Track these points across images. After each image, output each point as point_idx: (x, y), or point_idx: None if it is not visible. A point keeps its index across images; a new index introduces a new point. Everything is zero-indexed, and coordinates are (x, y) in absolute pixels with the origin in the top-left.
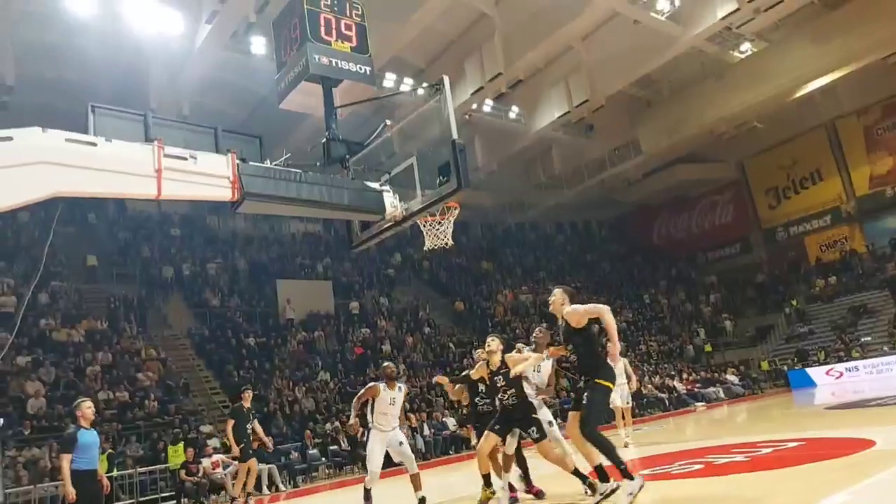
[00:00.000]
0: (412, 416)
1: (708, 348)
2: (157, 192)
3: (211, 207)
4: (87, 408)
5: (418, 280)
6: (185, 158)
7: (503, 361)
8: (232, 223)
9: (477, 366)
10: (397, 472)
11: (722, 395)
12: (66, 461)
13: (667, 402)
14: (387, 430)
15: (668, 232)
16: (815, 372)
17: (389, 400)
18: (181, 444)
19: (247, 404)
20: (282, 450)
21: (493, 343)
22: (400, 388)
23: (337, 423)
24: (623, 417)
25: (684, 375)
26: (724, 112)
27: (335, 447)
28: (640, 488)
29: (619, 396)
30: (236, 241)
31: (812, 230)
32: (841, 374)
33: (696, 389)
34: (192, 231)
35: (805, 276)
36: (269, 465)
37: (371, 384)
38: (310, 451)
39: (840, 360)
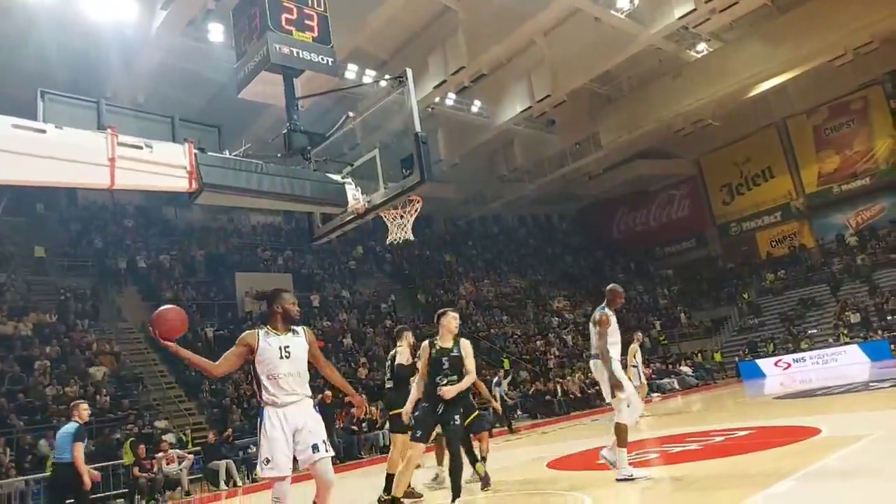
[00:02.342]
0: (374, 409)
1: (663, 340)
2: (111, 181)
3: (167, 198)
4: (83, 409)
5: (381, 272)
6: (141, 147)
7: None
8: (189, 214)
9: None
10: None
11: (676, 385)
12: (80, 450)
13: None
14: None
15: (628, 226)
16: (764, 363)
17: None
18: (130, 442)
19: None
20: (239, 444)
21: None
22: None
23: None
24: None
25: None
26: (681, 109)
27: None
28: None
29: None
30: (193, 232)
31: (763, 226)
32: (789, 365)
33: (651, 380)
34: (147, 222)
35: (756, 270)
36: (227, 461)
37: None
38: None
39: (788, 352)
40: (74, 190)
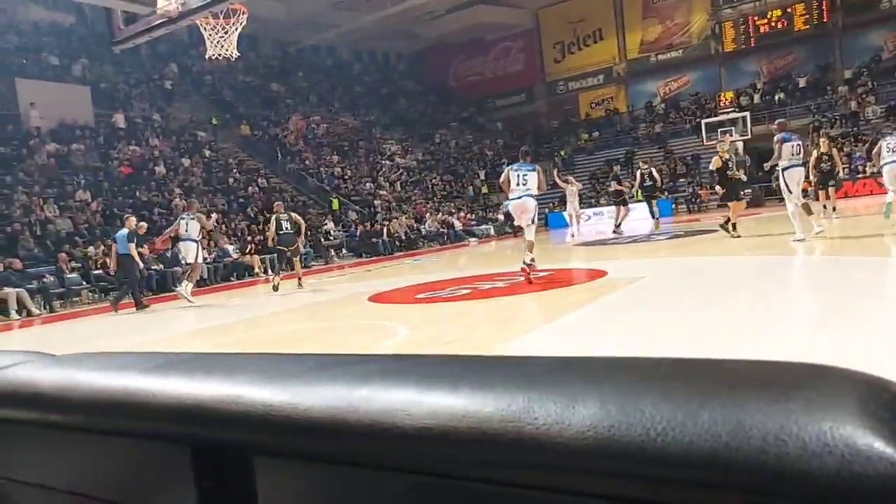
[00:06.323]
0: None
1: (485, 189)
2: None
3: None
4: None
5: (198, 96)
6: None
7: None
8: None
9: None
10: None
11: (492, 231)
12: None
13: (445, 237)
14: None
15: (463, 74)
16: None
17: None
18: None
19: None
20: (32, 273)
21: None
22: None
23: (103, 247)
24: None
25: (462, 213)
26: None
27: (100, 272)
28: None
29: None
30: None
31: (586, 87)
32: (589, 218)
33: (471, 225)
34: None
35: (574, 129)
36: (18, 290)
37: None
38: (68, 276)
39: (591, 206)
40: None
